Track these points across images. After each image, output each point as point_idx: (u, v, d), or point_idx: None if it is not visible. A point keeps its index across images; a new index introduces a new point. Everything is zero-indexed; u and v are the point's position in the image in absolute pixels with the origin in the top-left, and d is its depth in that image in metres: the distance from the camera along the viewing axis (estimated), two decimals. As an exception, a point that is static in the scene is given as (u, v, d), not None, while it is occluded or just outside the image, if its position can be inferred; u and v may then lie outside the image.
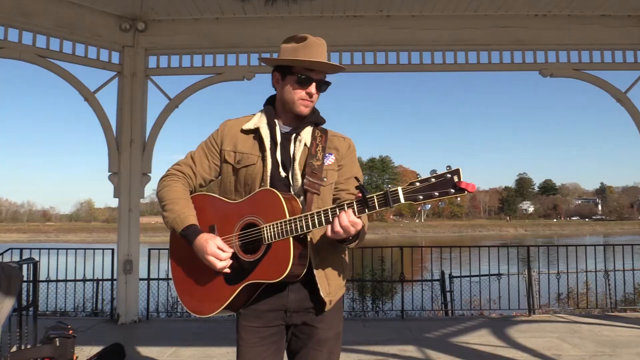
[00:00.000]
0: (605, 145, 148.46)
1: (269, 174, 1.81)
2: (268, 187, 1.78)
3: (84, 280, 7.69)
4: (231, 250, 1.75)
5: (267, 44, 6.14)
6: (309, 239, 1.76)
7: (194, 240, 1.76)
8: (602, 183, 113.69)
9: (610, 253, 7.93)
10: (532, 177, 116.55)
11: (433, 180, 1.50)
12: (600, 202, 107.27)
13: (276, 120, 1.89)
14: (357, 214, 1.61)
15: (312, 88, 1.84)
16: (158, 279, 7.37)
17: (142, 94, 6.27)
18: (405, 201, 1.52)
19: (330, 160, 1.91)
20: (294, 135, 1.87)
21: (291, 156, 1.85)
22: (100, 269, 7.36)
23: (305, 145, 1.87)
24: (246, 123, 1.90)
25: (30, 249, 7.19)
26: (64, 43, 5.87)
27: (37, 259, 4.36)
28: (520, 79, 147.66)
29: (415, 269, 9.44)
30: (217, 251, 1.72)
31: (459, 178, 1.46)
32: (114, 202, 6.55)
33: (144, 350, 4.84)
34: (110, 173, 6.16)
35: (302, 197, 1.81)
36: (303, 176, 1.82)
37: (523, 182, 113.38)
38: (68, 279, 8.18)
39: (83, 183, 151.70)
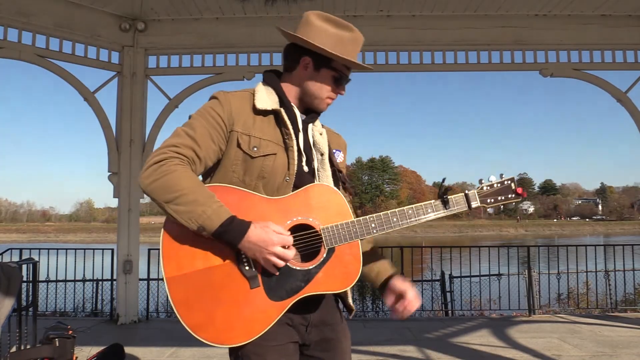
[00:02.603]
0: (605, 145, 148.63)
1: (295, 167, 1.53)
2: (322, 183, 1.56)
3: (84, 280, 7.69)
4: (288, 233, 1.44)
5: (267, 44, 6.15)
6: None
7: (244, 234, 1.37)
8: (602, 183, 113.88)
9: (610, 253, 7.92)
10: (533, 177, 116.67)
11: (497, 185, 1.61)
12: (600, 202, 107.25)
13: (293, 104, 1.61)
14: (434, 212, 1.58)
15: (344, 89, 1.65)
16: (158, 279, 7.35)
17: (142, 93, 6.26)
18: (480, 204, 1.60)
19: (340, 157, 1.74)
20: (310, 125, 1.64)
21: (314, 148, 1.62)
22: (100, 269, 7.36)
23: (322, 137, 1.66)
24: (257, 100, 1.55)
25: (30, 249, 7.20)
26: (64, 43, 5.87)
27: (36, 259, 4.35)
28: (520, 79, 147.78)
29: (415, 269, 9.43)
30: (284, 237, 1.40)
31: (515, 185, 1.62)
32: (114, 202, 6.55)
33: (144, 351, 4.83)
34: (110, 173, 6.16)
35: None
36: (334, 172, 1.64)
37: (523, 182, 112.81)
38: (68, 279, 8.19)
39: (83, 183, 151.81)
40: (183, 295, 1.41)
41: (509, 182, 1.61)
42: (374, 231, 1.50)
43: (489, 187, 1.61)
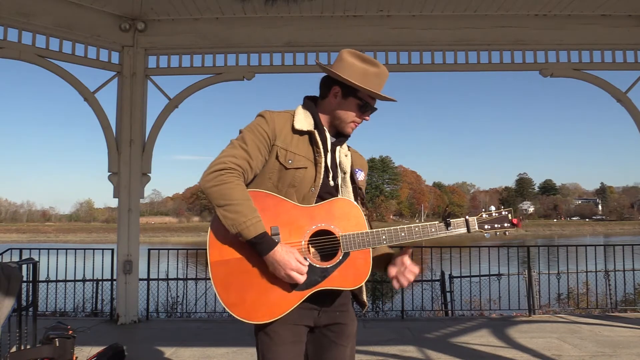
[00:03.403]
0: (605, 145, 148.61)
1: (320, 180, 1.81)
2: (345, 198, 1.84)
3: (84, 280, 7.68)
4: (307, 262, 1.70)
5: (267, 44, 6.15)
6: None
7: (269, 250, 1.65)
8: (602, 183, 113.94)
9: (610, 253, 7.91)
10: (533, 177, 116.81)
11: (495, 215, 1.85)
12: (600, 202, 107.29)
13: (325, 128, 1.89)
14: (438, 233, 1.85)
15: (368, 115, 1.91)
16: (158, 279, 7.37)
17: (142, 94, 6.26)
18: (477, 229, 1.83)
19: (361, 176, 1.99)
20: (338, 147, 1.91)
21: (339, 167, 1.89)
22: (100, 269, 7.34)
23: (347, 158, 1.93)
24: (296, 122, 1.83)
25: (30, 249, 7.18)
26: (64, 43, 5.87)
27: (36, 259, 4.35)
28: (520, 79, 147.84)
29: (415, 269, 9.39)
30: (301, 266, 1.67)
31: (512, 216, 1.85)
32: (114, 202, 6.55)
33: (144, 351, 4.83)
34: (110, 173, 6.16)
35: None
36: (354, 189, 1.91)
37: (523, 182, 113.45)
38: (68, 279, 8.18)
39: (83, 183, 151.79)
40: (222, 277, 1.71)
41: (507, 213, 1.86)
42: (384, 242, 1.78)
43: (487, 215, 1.85)
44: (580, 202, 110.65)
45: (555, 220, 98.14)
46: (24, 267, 4.08)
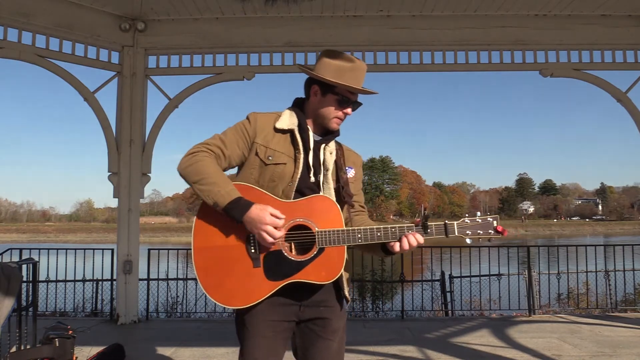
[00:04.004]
0: (605, 145, 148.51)
1: (299, 176, 1.87)
2: (325, 195, 1.87)
3: (84, 280, 7.67)
4: (283, 217, 1.75)
5: (267, 44, 6.15)
6: None
7: (246, 212, 1.72)
8: (602, 183, 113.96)
9: (610, 253, 7.91)
10: (533, 177, 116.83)
11: (479, 221, 1.84)
12: (600, 202, 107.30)
13: (309, 127, 1.96)
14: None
15: (350, 109, 1.96)
16: (158, 279, 7.37)
17: (142, 94, 6.25)
18: (457, 234, 1.82)
19: (351, 173, 2.04)
20: (323, 145, 1.96)
21: (322, 164, 1.94)
22: (100, 269, 7.34)
23: (332, 156, 1.98)
24: (279, 121, 1.92)
25: (30, 249, 7.19)
26: (64, 43, 5.86)
27: (36, 259, 4.34)
28: (520, 79, 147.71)
29: (415, 269, 9.41)
30: (275, 219, 1.72)
31: (497, 223, 1.85)
32: (114, 202, 6.54)
33: (144, 351, 4.83)
34: (109, 173, 6.15)
35: None
36: (338, 186, 1.95)
37: (523, 182, 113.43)
38: (67, 279, 8.17)
39: (83, 183, 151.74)
40: (203, 263, 1.81)
41: (492, 220, 1.86)
42: (359, 241, 1.80)
43: (469, 222, 1.84)
44: (580, 202, 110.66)
45: (555, 220, 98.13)
46: (24, 267, 4.08)
